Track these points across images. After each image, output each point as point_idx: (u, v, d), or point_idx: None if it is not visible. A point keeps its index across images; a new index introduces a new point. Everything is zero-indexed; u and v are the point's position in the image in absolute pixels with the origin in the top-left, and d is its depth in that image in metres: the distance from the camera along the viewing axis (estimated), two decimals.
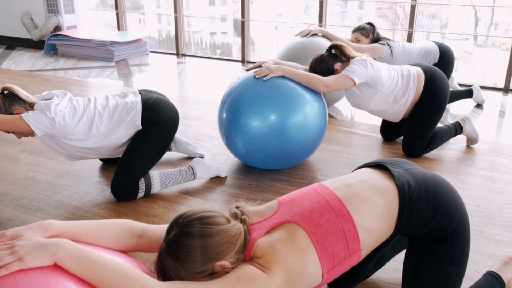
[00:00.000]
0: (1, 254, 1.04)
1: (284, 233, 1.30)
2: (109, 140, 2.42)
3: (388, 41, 3.82)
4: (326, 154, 3.05)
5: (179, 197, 2.53)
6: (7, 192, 2.59)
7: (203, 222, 1.23)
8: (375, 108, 2.96)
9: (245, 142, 2.63)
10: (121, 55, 5.93)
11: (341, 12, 8.33)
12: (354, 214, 1.37)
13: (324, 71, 2.80)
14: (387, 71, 2.85)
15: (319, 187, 1.46)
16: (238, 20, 5.89)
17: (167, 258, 1.21)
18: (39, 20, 6.56)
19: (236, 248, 1.24)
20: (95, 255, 1.11)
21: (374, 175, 1.51)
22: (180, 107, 4.00)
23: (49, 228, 1.17)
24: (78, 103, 2.40)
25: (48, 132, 2.30)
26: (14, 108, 2.30)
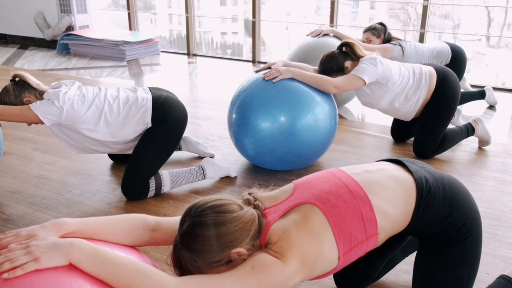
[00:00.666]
0: (17, 254, 1.04)
1: (298, 215, 1.29)
2: (117, 133, 2.42)
3: (400, 41, 3.80)
4: (337, 155, 3.04)
5: (189, 197, 2.54)
6: (20, 190, 2.62)
7: (216, 211, 1.22)
8: (386, 107, 2.95)
9: (255, 144, 2.63)
10: (132, 55, 5.96)
11: (352, 12, 8.30)
12: (372, 197, 1.35)
13: (334, 68, 2.79)
14: (397, 68, 2.83)
15: (336, 171, 1.45)
16: (249, 20, 5.89)
17: (183, 250, 1.20)
18: (52, 20, 6.62)
19: (251, 234, 1.23)
20: (109, 254, 1.11)
21: (393, 167, 1.49)
22: (190, 107, 4.02)
23: (63, 226, 1.17)
24: (87, 91, 2.40)
25: (57, 121, 2.30)
26: (24, 95, 2.31)
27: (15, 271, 1.00)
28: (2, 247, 1.09)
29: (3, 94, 2.32)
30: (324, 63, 2.82)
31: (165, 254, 1.30)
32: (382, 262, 1.69)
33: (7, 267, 1.01)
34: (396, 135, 3.28)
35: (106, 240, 1.24)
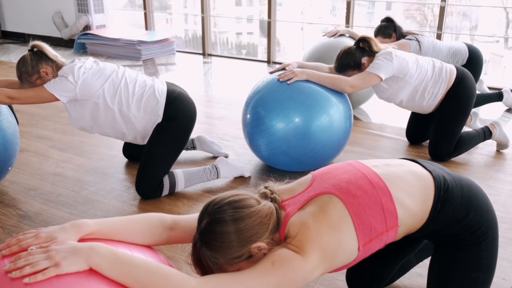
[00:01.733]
0: (38, 258, 1.04)
1: (317, 207, 1.27)
2: (128, 115, 2.41)
3: (416, 36, 3.71)
4: (351, 156, 3.03)
5: (203, 196, 2.55)
6: (36, 186, 2.66)
7: (234, 206, 1.21)
8: (404, 100, 2.91)
9: (269, 145, 2.63)
10: (148, 55, 6.00)
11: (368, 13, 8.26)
12: (392, 189, 1.33)
13: (351, 64, 2.77)
14: (414, 60, 2.80)
15: (355, 163, 1.43)
16: (264, 21, 5.89)
17: (202, 248, 1.20)
18: (70, 19, 6.70)
19: (270, 227, 1.22)
20: (129, 257, 1.10)
21: (412, 164, 1.48)
22: (205, 107, 4.04)
23: (82, 227, 1.17)
24: (105, 65, 2.40)
25: (73, 97, 2.30)
26: (41, 66, 2.32)
27: (36, 276, 1.00)
28: (22, 249, 1.09)
29: (21, 63, 2.32)
30: (340, 58, 2.80)
31: (178, 252, 1.31)
32: (396, 265, 1.68)
33: (28, 271, 1.01)
34: (411, 137, 3.25)
35: (125, 240, 1.24)
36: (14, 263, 1.03)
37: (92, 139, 3.33)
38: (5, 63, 5.85)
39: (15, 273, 1.00)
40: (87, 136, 3.37)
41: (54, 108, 4.02)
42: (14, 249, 1.09)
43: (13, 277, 0.99)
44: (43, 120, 3.78)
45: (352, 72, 2.76)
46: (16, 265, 1.02)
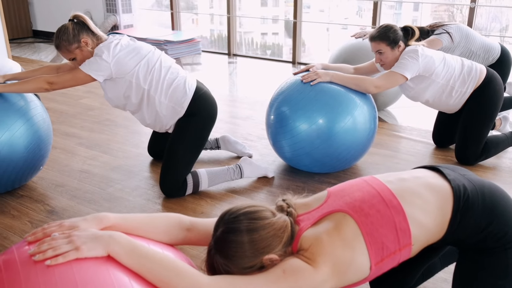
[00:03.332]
0: (60, 243, 1.09)
1: (331, 223, 1.29)
2: (153, 100, 2.41)
3: (445, 27, 3.56)
4: (376, 159, 3.00)
5: (226, 195, 2.56)
6: (64, 183, 2.71)
7: (249, 217, 1.23)
8: (430, 99, 2.86)
9: (292, 146, 2.62)
10: (174, 54, 6.06)
11: (395, 14, 8.16)
12: (406, 207, 1.33)
13: (390, 37, 2.68)
14: (441, 59, 2.75)
15: (371, 179, 1.44)
16: (289, 21, 5.89)
17: (216, 255, 1.23)
18: (98, 19, 6.81)
19: (283, 241, 1.24)
20: (146, 249, 1.14)
21: (430, 175, 1.46)
22: (230, 107, 4.05)
23: (103, 220, 1.22)
24: (141, 44, 2.42)
25: (108, 75, 2.32)
26: (82, 36, 2.34)
27: (57, 258, 1.06)
28: (46, 235, 1.14)
29: (61, 31, 2.34)
30: (384, 28, 2.71)
31: (201, 250, 1.33)
32: (419, 269, 1.66)
33: (50, 254, 1.07)
34: (437, 140, 3.20)
35: (143, 237, 1.27)
36: (38, 247, 1.09)
37: (118, 137, 3.39)
38: (36, 61, 5.99)
39: (38, 256, 1.06)
40: (113, 134, 3.43)
41: (82, 106, 4.10)
42: (38, 235, 1.15)
43: (36, 260, 1.05)
44: (71, 117, 3.85)
45: (384, 45, 2.69)
46: (40, 249, 1.08)
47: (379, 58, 2.75)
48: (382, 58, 2.73)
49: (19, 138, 2.38)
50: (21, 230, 2.24)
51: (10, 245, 2.12)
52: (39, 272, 1.03)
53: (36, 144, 2.47)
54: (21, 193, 2.59)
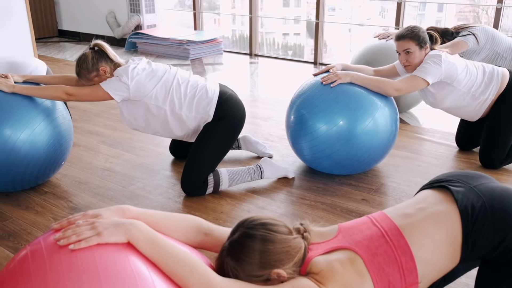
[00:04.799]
0: (83, 229, 1.15)
1: (342, 255, 1.32)
2: (180, 115, 2.46)
3: (471, 29, 3.50)
4: (397, 161, 2.97)
5: (246, 196, 2.57)
6: (87, 180, 2.75)
7: (267, 228, 1.27)
8: (451, 106, 2.83)
9: (312, 148, 2.61)
10: (196, 54, 6.10)
11: (419, 14, 8.06)
12: (413, 247, 1.35)
13: (420, 37, 2.65)
14: (464, 66, 2.71)
15: (380, 216, 1.46)
16: (311, 22, 5.87)
17: (228, 257, 1.25)
18: (122, 19, 6.90)
19: (294, 260, 1.26)
20: (164, 241, 1.18)
21: (434, 200, 1.46)
22: (251, 107, 4.06)
23: (125, 211, 1.27)
24: (157, 67, 2.47)
25: (126, 97, 2.37)
26: (100, 64, 2.40)
27: (80, 243, 1.12)
28: (71, 223, 1.20)
29: (81, 60, 2.41)
30: (413, 28, 2.68)
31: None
32: None
33: (74, 239, 1.12)
34: (461, 143, 3.15)
35: (161, 232, 1.30)
36: (63, 233, 1.15)
37: (140, 136, 3.42)
38: (61, 60, 6.09)
39: (62, 241, 1.13)
40: (135, 133, 3.46)
41: (105, 105, 4.15)
42: (64, 223, 1.21)
43: (61, 245, 1.12)
44: (95, 116, 3.91)
45: (414, 44, 2.65)
46: (65, 234, 1.15)
47: (405, 58, 2.70)
48: (408, 59, 2.69)
49: (39, 135, 2.43)
50: (44, 226, 2.28)
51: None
52: (62, 257, 1.08)
53: (56, 140, 2.51)
54: (45, 189, 2.64)
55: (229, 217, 2.36)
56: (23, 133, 2.37)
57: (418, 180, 2.71)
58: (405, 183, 2.69)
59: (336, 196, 2.55)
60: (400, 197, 2.54)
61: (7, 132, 2.34)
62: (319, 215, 2.36)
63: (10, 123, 2.35)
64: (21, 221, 2.33)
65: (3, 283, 1.09)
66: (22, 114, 2.39)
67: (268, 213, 2.39)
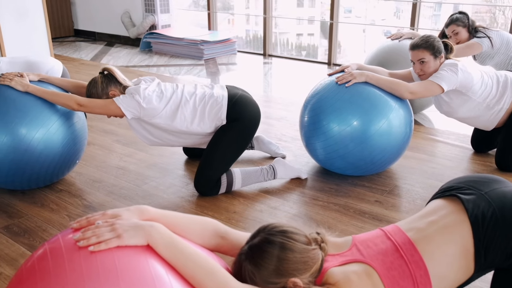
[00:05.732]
0: (103, 231, 1.14)
1: (358, 267, 1.32)
2: (193, 128, 2.49)
3: (485, 31, 3.48)
4: (411, 163, 2.95)
5: (259, 196, 2.57)
6: (101, 179, 2.78)
7: (287, 236, 1.27)
8: (465, 116, 2.81)
9: (326, 148, 2.61)
10: (210, 54, 6.12)
11: (434, 15, 7.99)
12: (427, 261, 1.35)
13: (434, 46, 2.63)
14: (479, 77, 2.69)
15: (393, 229, 1.46)
16: (325, 22, 5.85)
17: (246, 261, 1.25)
18: (137, 19, 6.95)
19: (311, 271, 1.26)
20: (183, 244, 1.17)
21: (445, 212, 1.45)
22: (264, 107, 4.06)
23: (144, 212, 1.26)
24: (166, 88, 2.50)
25: (136, 115, 2.41)
26: (110, 88, 2.44)
27: (99, 245, 1.11)
28: (91, 223, 1.20)
29: (91, 85, 2.46)
30: (427, 38, 2.67)
31: None
32: None
33: (94, 241, 1.12)
34: (476, 146, 3.12)
35: (179, 234, 1.29)
36: (82, 234, 1.14)
37: None
38: (76, 60, 6.16)
39: (82, 242, 1.12)
40: None
41: None
42: (83, 223, 1.21)
43: (80, 246, 1.11)
44: None
45: (428, 54, 2.63)
46: (84, 235, 1.14)
47: (419, 67, 2.67)
48: (423, 68, 2.66)
49: (54, 134, 2.45)
50: (59, 224, 2.31)
51: (49, 238, 2.19)
52: (82, 258, 1.08)
53: (71, 139, 2.54)
54: (60, 187, 2.67)
55: (242, 217, 2.36)
56: (38, 132, 2.40)
57: (432, 182, 2.69)
58: (419, 185, 2.67)
59: (349, 198, 2.54)
60: (414, 199, 2.52)
61: (23, 131, 2.38)
62: (332, 216, 2.36)
63: (25, 122, 2.38)
64: (36, 218, 2.36)
65: (23, 281, 1.09)
66: (37, 113, 2.42)
67: (281, 213, 2.39)
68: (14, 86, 2.42)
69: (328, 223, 2.29)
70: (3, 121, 2.36)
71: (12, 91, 2.42)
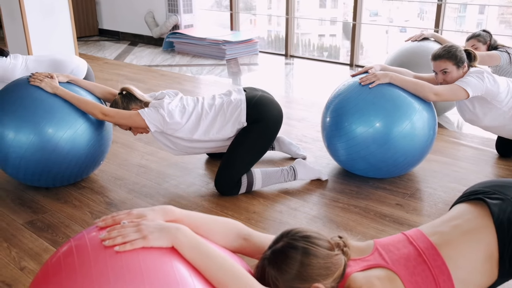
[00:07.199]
0: (128, 231, 1.15)
1: (381, 273, 1.31)
2: (215, 136, 2.53)
3: (507, 48, 3.50)
4: (434, 166, 2.91)
5: (279, 196, 2.57)
6: (123, 176, 2.81)
7: (310, 241, 1.26)
8: (489, 124, 2.77)
9: (348, 149, 2.59)
10: (232, 54, 6.14)
11: (459, 17, 7.86)
12: (450, 265, 1.33)
13: (457, 56, 2.60)
14: (505, 86, 2.64)
15: (416, 233, 1.44)
16: (347, 23, 5.82)
17: (270, 265, 1.25)
18: (160, 19, 7.01)
19: (334, 276, 1.26)
20: (208, 247, 1.17)
21: (470, 216, 1.43)
22: (285, 108, 4.05)
23: (169, 213, 1.27)
24: (187, 102, 2.54)
25: (160, 128, 2.46)
26: (131, 106, 2.50)
27: (125, 245, 1.11)
28: (116, 222, 1.21)
29: (113, 106, 2.52)
30: (449, 48, 2.64)
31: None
32: None
33: (119, 241, 1.12)
34: (501, 150, 3.06)
35: (202, 235, 1.30)
36: (108, 233, 1.15)
37: None
38: (100, 59, 6.24)
39: (108, 242, 1.13)
40: None
41: None
42: (108, 222, 1.21)
43: (106, 245, 1.12)
44: None
45: (451, 64, 2.60)
46: (110, 235, 1.14)
47: (442, 78, 2.64)
48: (446, 78, 2.62)
49: (81, 135, 2.50)
50: (81, 220, 2.35)
51: (71, 233, 2.23)
52: (107, 257, 1.09)
53: (96, 140, 2.58)
54: (83, 184, 2.72)
55: (261, 217, 2.37)
56: (66, 133, 2.45)
57: (455, 186, 2.65)
58: (442, 189, 2.64)
59: (370, 200, 2.52)
60: (436, 203, 2.49)
61: (51, 132, 2.43)
62: (352, 219, 2.34)
63: (54, 123, 2.43)
64: (59, 214, 2.41)
65: (49, 276, 1.11)
66: (65, 115, 2.46)
67: (301, 215, 2.39)
68: (44, 87, 2.48)
69: (348, 226, 2.27)
70: (32, 121, 2.41)
71: (42, 92, 2.48)
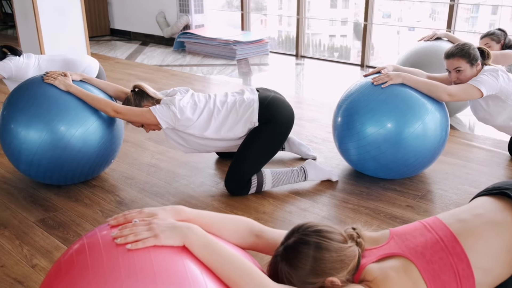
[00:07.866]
0: (140, 229, 1.16)
1: (397, 263, 1.30)
2: (226, 135, 2.53)
3: None
4: (445, 167, 2.89)
5: (288, 197, 2.57)
6: (133, 176, 2.83)
7: (323, 236, 1.26)
8: (503, 124, 2.74)
9: (359, 149, 2.58)
10: (242, 54, 6.14)
11: (471, 17, 7.80)
12: (470, 253, 1.31)
13: (470, 54, 2.58)
14: None
15: (434, 221, 1.42)
16: (358, 23, 5.80)
17: (282, 262, 1.25)
18: (171, 19, 7.04)
19: (348, 268, 1.25)
20: (220, 246, 1.18)
21: (492, 207, 1.41)
22: (295, 108, 4.04)
23: (180, 212, 1.28)
24: (199, 99, 2.54)
25: (171, 125, 2.46)
26: (143, 103, 2.51)
27: (137, 243, 1.12)
28: (128, 221, 1.22)
29: (125, 103, 2.55)
30: (462, 46, 2.62)
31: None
32: None
33: (131, 239, 1.13)
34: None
35: (214, 234, 1.31)
36: (120, 231, 1.16)
37: None
38: (112, 58, 6.28)
39: (120, 240, 1.13)
40: None
41: None
42: (120, 220, 1.22)
43: (118, 243, 1.13)
44: None
45: (464, 62, 2.58)
46: (122, 233, 1.15)
47: (456, 76, 2.62)
48: (459, 77, 2.61)
49: (92, 134, 2.52)
50: (92, 218, 2.36)
51: (82, 232, 2.24)
52: (119, 255, 1.10)
53: (107, 139, 2.60)
54: (94, 183, 2.73)
55: (271, 217, 2.36)
56: (77, 131, 2.47)
57: (466, 188, 2.62)
58: (453, 190, 2.62)
59: (380, 201, 2.51)
60: (447, 205, 2.47)
61: (63, 129, 2.45)
62: (362, 220, 2.33)
63: (66, 121, 2.45)
64: (70, 212, 2.42)
65: (61, 273, 1.12)
66: (78, 113, 2.48)
67: (310, 215, 2.38)
68: (58, 85, 2.50)
69: (367, 226, 2.26)
70: (44, 119, 2.43)
71: (55, 90, 2.50)
